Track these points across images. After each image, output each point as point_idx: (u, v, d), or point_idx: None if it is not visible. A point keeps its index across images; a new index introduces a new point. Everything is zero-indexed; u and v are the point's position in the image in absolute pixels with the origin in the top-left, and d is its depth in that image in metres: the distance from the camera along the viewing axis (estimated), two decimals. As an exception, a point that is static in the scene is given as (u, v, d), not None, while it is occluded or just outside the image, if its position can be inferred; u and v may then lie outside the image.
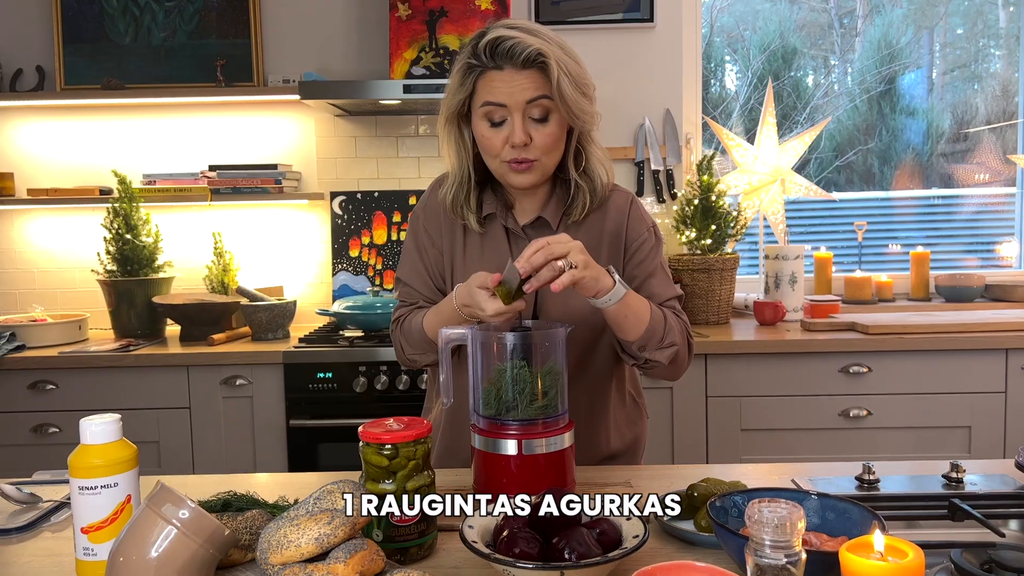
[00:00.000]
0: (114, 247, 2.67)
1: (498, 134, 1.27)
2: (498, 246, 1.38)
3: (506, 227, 1.38)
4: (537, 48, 1.22)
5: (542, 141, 1.27)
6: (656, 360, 1.30)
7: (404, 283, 1.44)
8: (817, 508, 0.95)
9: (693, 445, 2.43)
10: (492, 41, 1.23)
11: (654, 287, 1.38)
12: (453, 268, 1.40)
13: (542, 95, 1.25)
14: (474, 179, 1.36)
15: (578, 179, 1.35)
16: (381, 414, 2.35)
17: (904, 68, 3.26)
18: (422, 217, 1.44)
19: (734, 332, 2.55)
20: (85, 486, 0.91)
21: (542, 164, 1.30)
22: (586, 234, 1.38)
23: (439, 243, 1.41)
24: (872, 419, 2.38)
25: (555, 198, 1.39)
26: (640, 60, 2.93)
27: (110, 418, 0.93)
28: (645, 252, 1.39)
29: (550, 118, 1.27)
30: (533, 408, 1.08)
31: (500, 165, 1.30)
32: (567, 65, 1.25)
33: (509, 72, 1.23)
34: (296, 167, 2.97)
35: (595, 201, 1.36)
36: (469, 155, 1.35)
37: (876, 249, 3.22)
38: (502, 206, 1.38)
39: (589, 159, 1.36)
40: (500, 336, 1.10)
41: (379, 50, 2.92)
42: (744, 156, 2.95)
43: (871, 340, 2.36)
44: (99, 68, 2.90)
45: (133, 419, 2.40)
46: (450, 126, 1.34)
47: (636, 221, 1.40)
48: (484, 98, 1.26)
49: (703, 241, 2.71)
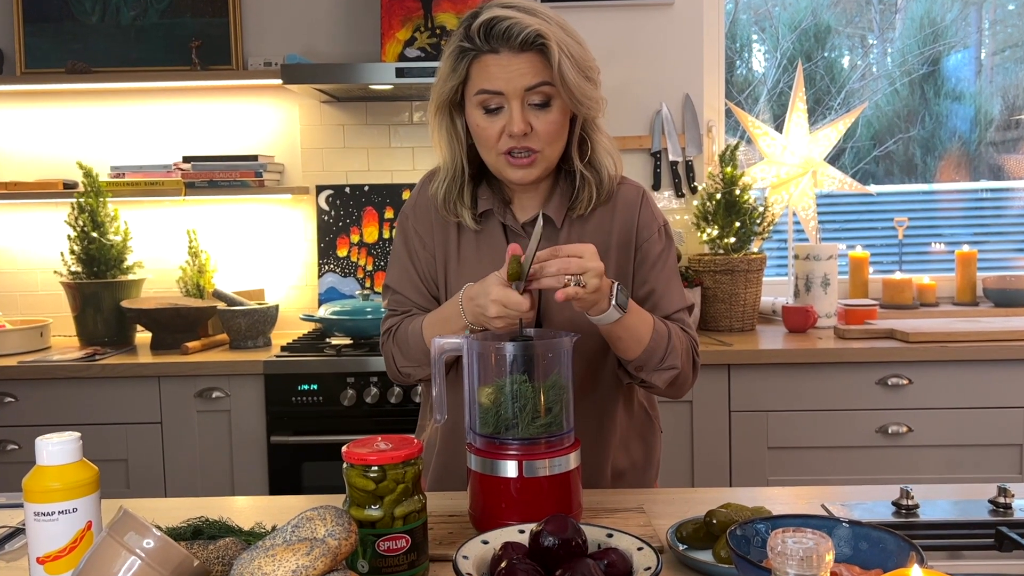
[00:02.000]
0: (79, 246, 2.68)
1: (494, 123, 1.27)
2: (496, 246, 1.37)
3: (504, 224, 1.38)
4: (536, 29, 1.21)
5: (544, 129, 1.27)
6: (652, 382, 1.31)
7: (394, 290, 1.44)
8: (849, 537, 0.94)
9: (715, 465, 2.42)
10: (486, 22, 1.22)
11: (663, 295, 1.38)
12: (447, 272, 1.40)
13: (542, 81, 1.24)
14: (468, 172, 1.36)
15: (583, 170, 1.35)
16: (371, 430, 2.35)
17: (950, 48, 3.25)
18: (411, 216, 1.43)
19: (760, 340, 2.55)
20: (41, 512, 0.91)
21: (544, 156, 1.29)
22: (593, 231, 1.38)
23: (431, 245, 1.41)
24: (912, 436, 2.38)
25: (558, 192, 1.38)
26: (657, 40, 2.93)
27: (68, 437, 0.93)
28: (655, 255, 1.39)
29: (552, 104, 1.26)
30: (535, 426, 1.08)
31: (497, 158, 1.30)
32: (569, 47, 1.24)
33: (506, 56, 1.23)
34: (278, 158, 2.97)
35: (602, 194, 1.36)
36: (463, 146, 1.34)
37: (918, 248, 3.21)
38: (499, 201, 1.38)
39: (595, 149, 1.35)
40: (499, 346, 1.10)
41: (369, 30, 2.92)
42: (772, 146, 2.94)
43: (912, 349, 2.35)
44: (63, 50, 2.91)
45: (99, 435, 2.41)
46: (441, 115, 1.33)
47: (647, 219, 1.40)
48: (479, 85, 1.25)
49: (726, 240, 2.70)
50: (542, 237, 1.34)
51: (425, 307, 1.41)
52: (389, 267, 1.47)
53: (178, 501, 1.32)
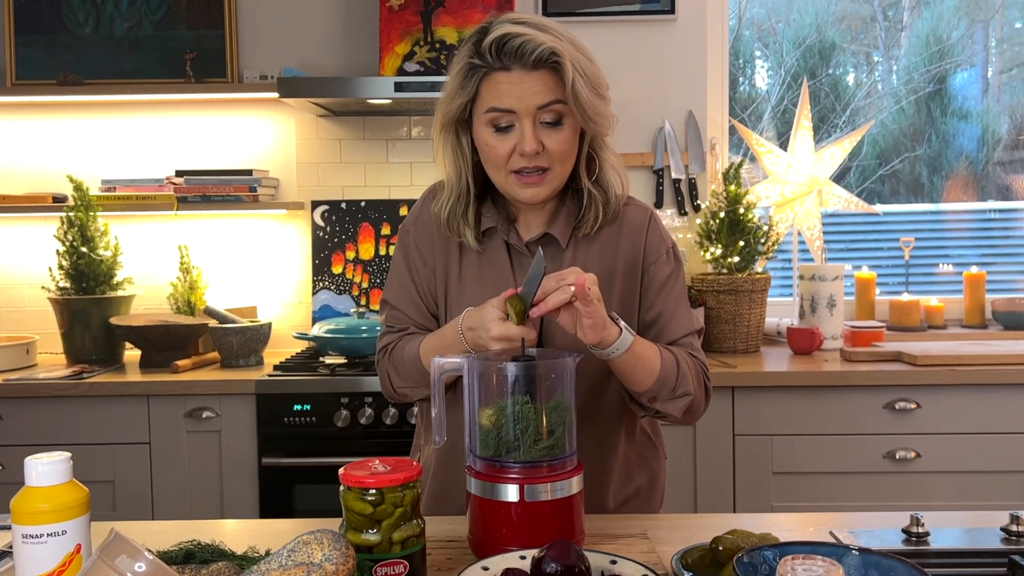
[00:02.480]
0: (68, 261, 2.68)
1: (504, 142, 1.27)
2: (498, 265, 1.38)
3: (508, 242, 1.38)
4: (550, 46, 1.22)
5: (556, 148, 1.27)
6: (667, 412, 1.31)
7: (392, 306, 1.44)
8: (858, 565, 0.94)
9: (718, 490, 2.41)
10: (498, 39, 1.23)
11: (671, 319, 1.38)
12: (447, 290, 1.40)
13: (555, 99, 1.24)
14: (473, 191, 1.36)
15: (591, 188, 1.35)
16: (366, 452, 2.35)
17: (956, 66, 3.27)
18: (412, 232, 1.43)
19: (765, 362, 2.55)
20: (29, 534, 0.91)
21: (555, 174, 1.29)
22: (599, 251, 1.38)
23: (431, 262, 1.41)
24: (921, 462, 2.37)
25: (564, 211, 1.38)
26: (659, 56, 2.95)
27: (59, 457, 0.93)
28: (663, 278, 1.39)
29: (563, 123, 1.27)
30: (537, 449, 1.08)
31: (507, 177, 1.29)
32: (581, 64, 1.25)
33: (518, 73, 1.23)
34: (273, 173, 2.98)
35: (608, 213, 1.37)
36: (468, 165, 1.34)
37: (925, 269, 3.22)
38: (504, 219, 1.38)
39: (602, 166, 1.36)
40: (500, 366, 1.10)
41: (368, 44, 2.94)
42: (776, 164, 2.95)
43: (920, 372, 2.36)
44: (55, 61, 2.92)
45: (86, 455, 2.39)
46: (446, 133, 1.33)
47: (655, 241, 1.40)
48: (489, 103, 1.25)
49: (730, 259, 2.71)
50: (548, 256, 1.35)
51: (423, 325, 1.41)
52: (388, 282, 1.47)
53: (168, 524, 1.31)
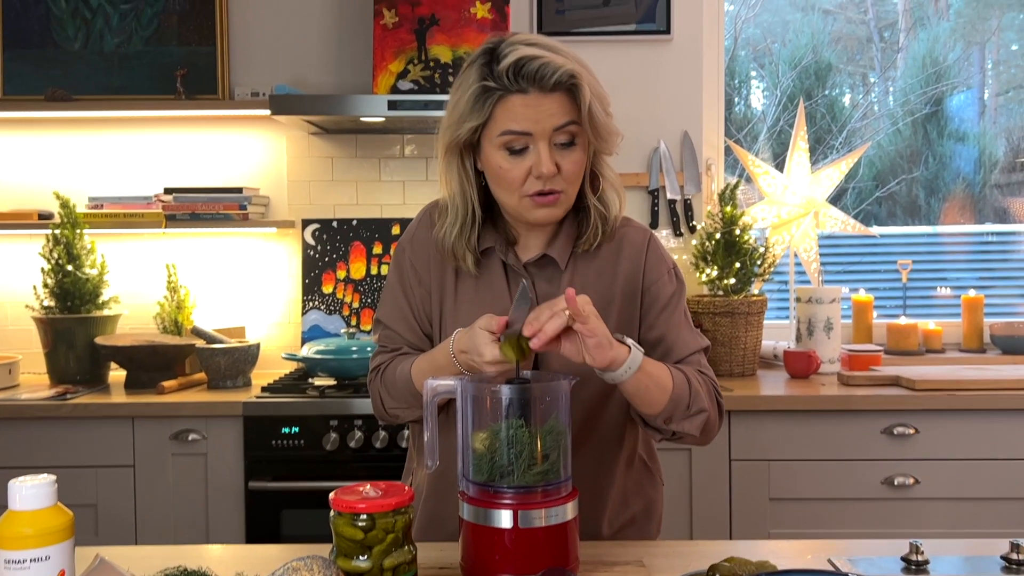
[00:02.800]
0: (53, 280, 2.67)
1: (519, 164, 1.27)
2: (495, 285, 1.38)
3: (505, 263, 1.38)
4: (569, 69, 1.24)
5: (570, 169, 1.29)
6: (685, 431, 1.30)
7: (385, 325, 1.44)
8: (858, 594, 0.94)
9: (714, 517, 2.41)
10: (516, 62, 1.23)
11: (677, 339, 1.38)
12: (443, 310, 1.40)
13: (570, 120, 1.26)
14: (479, 216, 1.36)
15: (596, 204, 1.37)
16: (355, 477, 2.33)
17: (952, 88, 3.31)
18: (408, 250, 1.44)
19: (761, 386, 2.55)
20: (12, 559, 0.90)
21: (567, 195, 1.31)
22: (598, 272, 1.39)
23: (427, 281, 1.41)
24: (920, 488, 2.37)
25: (563, 232, 1.39)
26: (655, 76, 2.97)
27: (43, 480, 0.93)
28: (665, 298, 1.40)
29: (576, 143, 1.29)
30: (531, 474, 1.08)
31: (520, 200, 1.30)
32: (593, 85, 1.28)
33: (535, 96, 1.24)
34: (264, 191, 2.98)
35: (607, 231, 1.38)
36: (474, 188, 1.35)
37: (923, 292, 3.23)
38: (503, 241, 1.38)
39: (604, 184, 1.37)
40: (494, 389, 1.10)
41: (361, 61, 2.95)
42: (772, 185, 2.97)
43: (918, 397, 2.36)
44: (44, 76, 2.93)
45: (68, 478, 2.37)
46: (451, 156, 1.33)
47: (655, 262, 1.41)
48: (504, 126, 1.26)
49: (726, 281, 2.72)
50: (545, 278, 1.35)
51: (417, 345, 1.42)
52: (381, 301, 1.47)
53: (152, 549, 1.30)
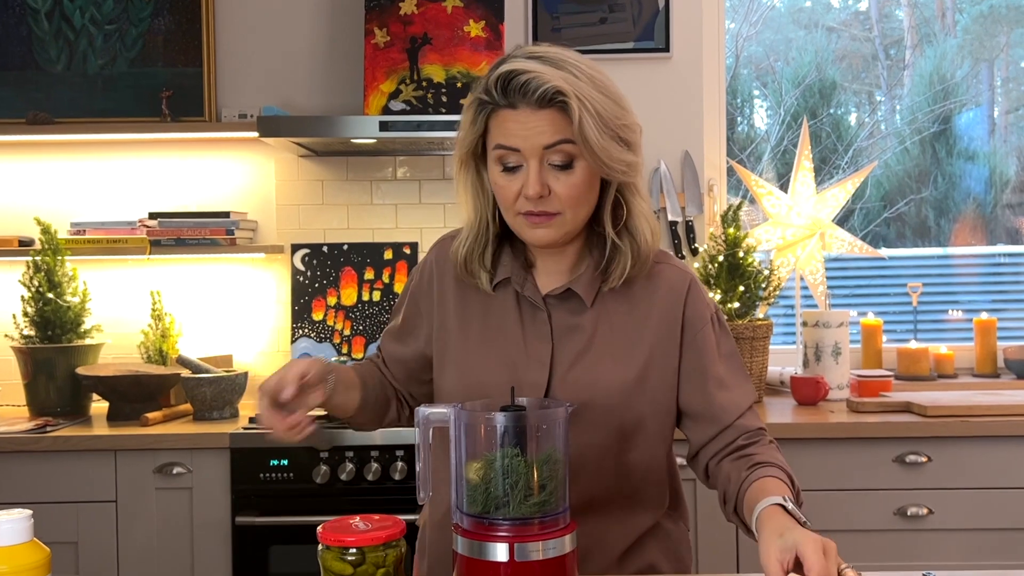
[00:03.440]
0: (33, 308, 2.67)
1: (512, 182, 1.26)
2: (507, 315, 1.37)
3: (520, 293, 1.36)
4: (555, 85, 1.20)
5: (565, 193, 1.26)
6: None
7: (383, 338, 1.52)
8: (868, 628, 0.93)
9: (721, 549, 2.39)
10: (504, 75, 1.22)
11: (728, 394, 1.36)
12: (447, 343, 1.40)
13: (562, 139, 1.23)
14: (493, 231, 1.35)
15: (616, 239, 1.33)
16: (346, 510, 2.31)
17: (961, 106, 3.33)
18: (416, 277, 1.47)
19: (768, 413, 2.54)
20: (-15, 598, 0.90)
21: (565, 219, 1.28)
22: (629, 310, 1.36)
23: (429, 310, 1.44)
24: (933, 519, 2.36)
25: (589, 262, 1.36)
26: (654, 95, 2.99)
27: (19, 515, 0.92)
28: (709, 347, 1.36)
29: (575, 165, 1.25)
30: (528, 505, 1.07)
31: (516, 218, 1.29)
32: (596, 103, 1.23)
33: (524, 112, 1.23)
34: (252, 215, 2.99)
35: (637, 265, 1.34)
36: (488, 201, 1.34)
37: (933, 315, 3.23)
38: (520, 267, 1.37)
39: (631, 214, 1.33)
40: (488, 417, 1.10)
41: (352, 82, 2.97)
42: (776, 206, 2.98)
43: (930, 424, 2.35)
44: (25, 99, 2.94)
45: (47, 514, 2.35)
46: (465, 168, 1.33)
47: (697, 307, 1.37)
48: (497, 140, 1.26)
49: (730, 305, 2.72)
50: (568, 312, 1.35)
51: (396, 361, 1.48)
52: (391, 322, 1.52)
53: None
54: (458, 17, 2.83)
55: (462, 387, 1.35)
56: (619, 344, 1.34)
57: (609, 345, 1.34)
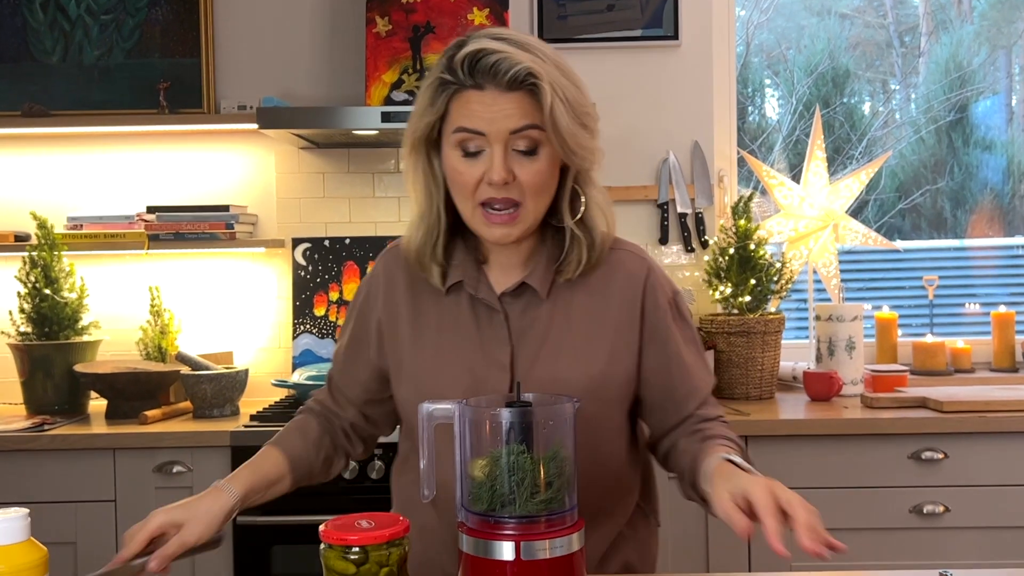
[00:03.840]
0: (30, 304, 2.67)
1: (472, 168, 1.24)
2: (461, 316, 1.35)
3: (473, 296, 1.34)
4: (527, 67, 1.19)
5: (529, 180, 1.24)
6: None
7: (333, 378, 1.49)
8: (883, 628, 0.93)
9: (731, 548, 2.39)
10: (472, 54, 1.20)
11: (688, 378, 1.36)
12: (401, 354, 1.38)
13: (530, 124, 1.22)
14: (445, 222, 1.32)
15: (575, 229, 1.32)
16: (349, 509, 2.31)
17: (978, 94, 3.31)
18: (364, 291, 1.44)
19: (780, 409, 2.54)
20: (-18, 598, 0.90)
21: (527, 210, 1.26)
22: (586, 299, 1.35)
23: (378, 320, 1.41)
24: (950, 517, 2.35)
25: (544, 253, 1.35)
26: (663, 84, 2.98)
27: (16, 513, 0.92)
28: (671, 335, 1.36)
29: (539, 152, 1.24)
30: (534, 502, 1.07)
31: (474, 211, 1.26)
32: (564, 90, 1.22)
33: (491, 94, 1.21)
34: (252, 209, 2.99)
35: (592, 257, 1.33)
36: (440, 191, 1.31)
37: (950, 309, 3.22)
38: (472, 265, 1.34)
39: (588, 204, 1.32)
40: (494, 413, 1.10)
41: (353, 72, 2.97)
42: (788, 197, 2.98)
43: (946, 419, 2.35)
44: (20, 91, 2.94)
45: (46, 513, 2.37)
46: (417, 154, 1.30)
47: (656, 295, 1.36)
48: (458, 123, 1.23)
49: (741, 298, 2.72)
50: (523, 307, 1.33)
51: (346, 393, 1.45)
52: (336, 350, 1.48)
53: (134, 588, 1.30)
54: (461, 5, 2.83)
55: (420, 397, 1.31)
56: (579, 338, 1.33)
57: (569, 340, 1.33)
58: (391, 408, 1.45)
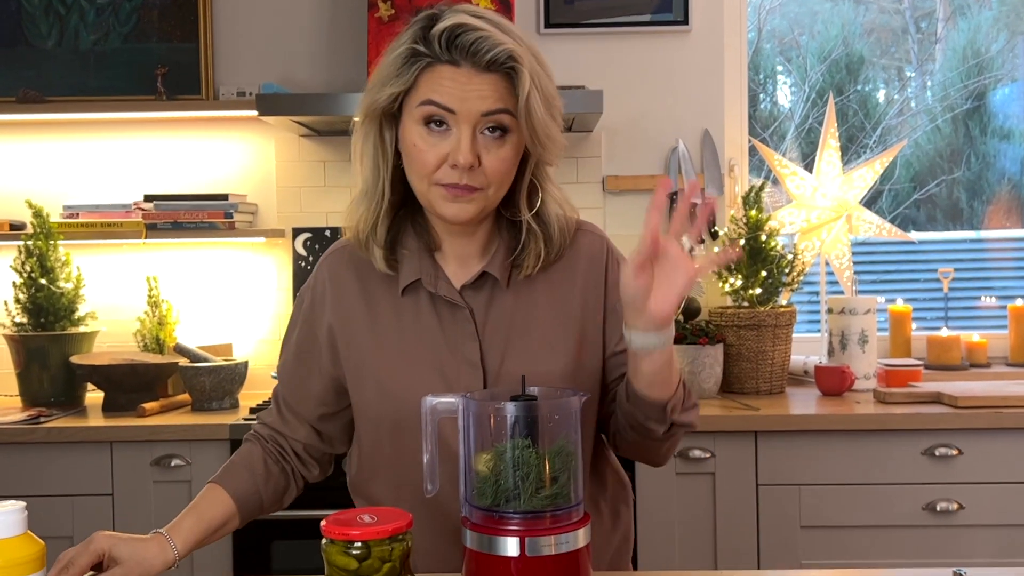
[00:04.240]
0: (25, 294, 2.68)
1: (436, 146, 1.20)
2: (421, 314, 1.31)
3: (432, 293, 1.31)
4: (508, 49, 1.17)
5: (493, 166, 1.21)
6: (687, 422, 1.24)
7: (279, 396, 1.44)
8: (895, 626, 0.93)
9: (740, 546, 2.40)
10: (452, 28, 1.17)
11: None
12: (360, 359, 1.33)
13: (503, 108, 1.19)
14: (389, 199, 1.28)
15: (531, 222, 1.29)
16: (349, 504, 2.33)
17: (995, 81, 3.30)
18: (308, 297, 1.40)
19: (791, 404, 2.54)
20: (-22, 592, 0.91)
21: (486, 196, 1.23)
22: (550, 290, 1.33)
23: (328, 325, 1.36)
24: (964, 514, 2.36)
25: (501, 244, 1.32)
26: (672, 71, 2.98)
27: (13, 507, 0.93)
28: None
29: (506, 139, 1.21)
30: (539, 498, 1.07)
31: (431, 189, 1.22)
32: (539, 78, 1.20)
33: (466, 72, 1.18)
34: (251, 198, 3.00)
35: (551, 253, 1.31)
36: (388, 167, 1.27)
37: (965, 302, 3.22)
38: (428, 260, 1.31)
39: (545, 199, 1.30)
40: (498, 407, 1.10)
41: (355, 57, 2.97)
42: (801, 187, 2.97)
43: (961, 415, 2.35)
44: (15, 77, 2.95)
45: (42, 507, 2.36)
46: (370, 124, 1.26)
47: (616, 270, 1.34)
48: (427, 95, 1.19)
49: (751, 291, 2.72)
50: (487, 299, 1.30)
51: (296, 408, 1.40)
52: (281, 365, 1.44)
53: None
54: (466, -11, 2.82)
55: (389, 405, 1.30)
56: (548, 328, 1.32)
57: (538, 331, 1.31)
58: (347, 421, 1.41)
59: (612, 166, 2.96)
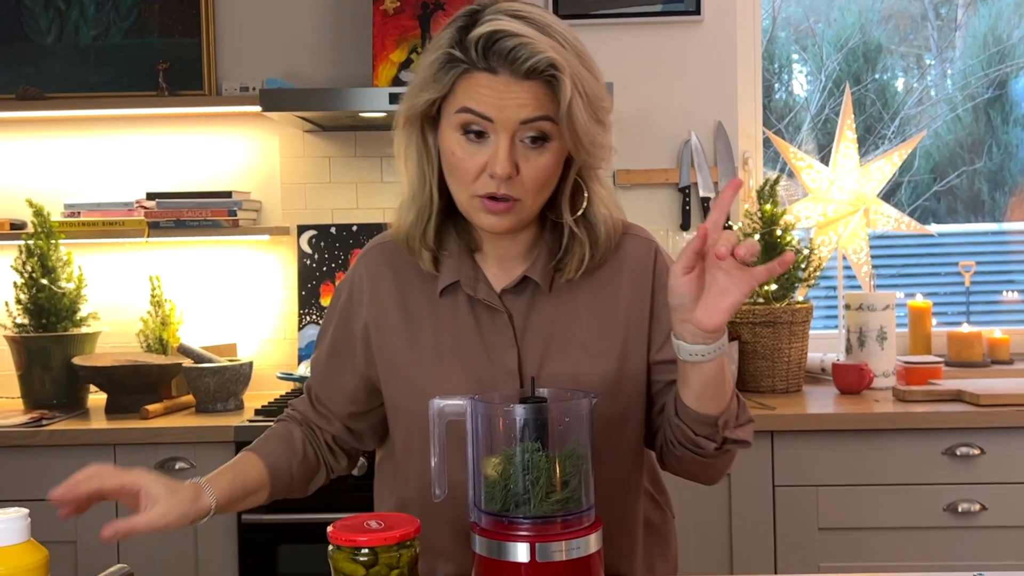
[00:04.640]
0: (26, 295, 2.69)
1: (474, 154, 1.19)
2: (459, 315, 1.31)
3: (471, 296, 1.30)
4: (549, 57, 1.14)
5: (532, 176, 1.19)
6: (741, 439, 1.21)
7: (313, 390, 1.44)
8: (914, 633, 0.93)
9: (757, 548, 2.40)
10: (489, 35, 1.14)
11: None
12: (394, 358, 1.33)
13: (543, 115, 1.17)
14: (438, 204, 1.28)
15: (573, 226, 1.28)
16: (357, 508, 2.32)
17: (1018, 69, 3.29)
18: (345, 292, 1.39)
19: (808, 403, 2.54)
20: (-18, 601, 0.91)
21: (524, 206, 1.21)
22: (595, 295, 1.31)
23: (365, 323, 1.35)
24: (986, 515, 2.35)
25: (544, 247, 1.31)
26: (684, 61, 2.97)
27: (15, 514, 0.94)
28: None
29: (547, 146, 1.19)
30: (550, 502, 1.07)
31: (470, 200, 1.21)
32: (584, 82, 1.17)
33: (504, 79, 1.15)
34: (255, 195, 3.00)
35: (596, 257, 1.29)
36: (434, 170, 1.26)
37: (987, 297, 3.21)
38: (468, 261, 1.30)
39: (592, 201, 1.28)
40: (508, 409, 1.10)
41: (360, 51, 2.97)
42: (817, 180, 2.96)
43: (983, 414, 2.34)
44: (15, 73, 2.96)
45: (45, 512, 2.38)
46: (410, 129, 1.26)
47: (664, 276, 1.30)
48: (464, 103, 1.17)
49: (766, 287, 2.71)
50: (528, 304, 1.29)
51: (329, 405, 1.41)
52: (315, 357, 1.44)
53: (136, 589, 1.31)
54: (473, -20, 2.82)
55: (421, 406, 1.24)
56: (589, 335, 1.30)
57: (579, 337, 1.30)
58: (378, 420, 1.41)
59: (623, 160, 2.95)
